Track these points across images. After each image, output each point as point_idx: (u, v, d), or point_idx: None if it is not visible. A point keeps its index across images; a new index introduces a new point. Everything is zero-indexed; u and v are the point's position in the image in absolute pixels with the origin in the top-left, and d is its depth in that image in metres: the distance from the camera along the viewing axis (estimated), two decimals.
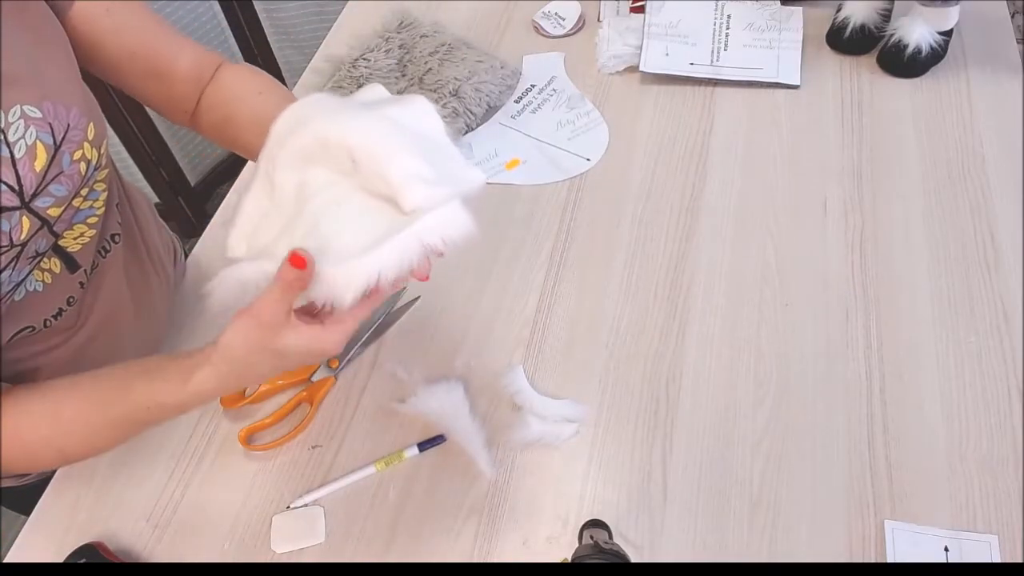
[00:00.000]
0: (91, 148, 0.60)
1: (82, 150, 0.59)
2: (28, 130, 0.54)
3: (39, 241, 0.58)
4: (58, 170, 0.57)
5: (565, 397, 0.78)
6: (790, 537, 0.69)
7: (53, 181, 0.57)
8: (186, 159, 1.96)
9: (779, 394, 0.77)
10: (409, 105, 0.56)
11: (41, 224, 0.57)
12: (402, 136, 0.52)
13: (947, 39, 1.02)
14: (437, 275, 0.89)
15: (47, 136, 0.55)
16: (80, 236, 0.64)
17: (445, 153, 0.56)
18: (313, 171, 0.53)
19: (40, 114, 0.55)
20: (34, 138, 0.55)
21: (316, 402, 0.79)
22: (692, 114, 1.03)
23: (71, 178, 0.59)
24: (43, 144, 0.55)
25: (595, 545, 0.58)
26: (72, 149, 0.58)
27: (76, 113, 0.58)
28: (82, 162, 0.59)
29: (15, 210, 0.54)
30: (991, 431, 0.73)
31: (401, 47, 1.09)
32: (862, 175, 0.94)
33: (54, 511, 0.75)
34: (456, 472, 0.74)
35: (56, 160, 0.56)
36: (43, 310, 0.63)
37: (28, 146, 0.54)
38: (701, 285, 0.86)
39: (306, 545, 0.71)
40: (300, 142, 0.52)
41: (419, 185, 0.51)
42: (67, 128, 0.57)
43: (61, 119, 0.57)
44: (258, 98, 0.68)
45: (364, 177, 0.51)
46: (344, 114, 0.53)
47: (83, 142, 0.59)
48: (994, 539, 0.67)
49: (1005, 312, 0.81)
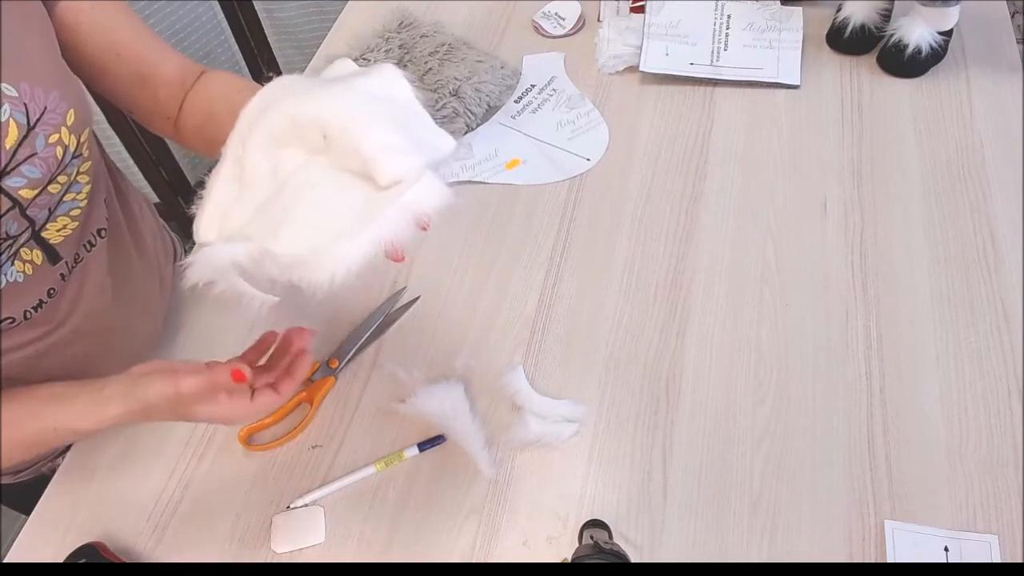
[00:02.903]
0: (69, 134, 0.60)
1: (59, 134, 0.59)
2: (2, 108, 0.54)
3: (10, 223, 0.58)
4: (30, 151, 0.57)
5: (565, 397, 0.78)
6: (790, 537, 0.69)
7: (25, 162, 0.57)
8: (186, 159, 1.96)
9: (779, 394, 0.77)
10: (377, 74, 0.55)
11: (12, 204, 0.58)
12: (373, 108, 0.52)
13: (947, 39, 1.02)
14: (437, 275, 0.90)
15: (21, 116, 0.56)
16: (63, 228, 0.64)
17: (416, 120, 0.55)
18: (286, 152, 0.52)
19: (16, 94, 0.55)
20: (7, 115, 0.55)
21: (316, 402, 0.79)
22: (692, 114, 1.03)
23: (46, 161, 0.59)
24: (16, 122, 0.56)
25: (595, 545, 0.58)
26: (48, 132, 0.58)
27: (55, 97, 0.59)
28: (58, 146, 0.60)
29: None
30: (991, 431, 0.73)
31: (401, 47, 1.09)
32: (862, 175, 0.94)
33: (54, 511, 0.75)
34: (456, 472, 0.74)
35: (28, 140, 0.57)
36: (23, 301, 0.63)
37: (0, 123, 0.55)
38: (701, 285, 0.86)
39: (306, 545, 0.71)
40: (270, 123, 0.52)
41: (393, 157, 0.50)
42: (43, 110, 0.58)
43: (38, 101, 0.57)
44: (238, 95, 0.67)
45: (337, 153, 0.51)
46: (313, 92, 0.53)
47: (61, 126, 0.59)
48: (994, 539, 0.67)
49: (1005, 312, 0.81)
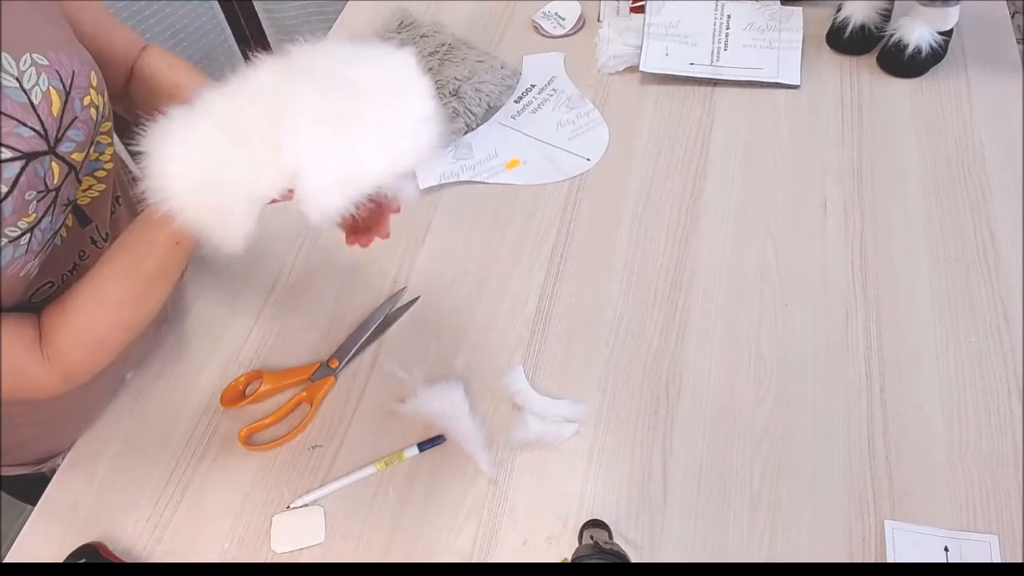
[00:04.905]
0: (97, 94, 0.62)
1: (90, 96, 0.61)
2: (40, 77, 0.56)
3: (68, 188, 0.60)
4: (73, 115, 0.59)
5: (565, 397, 0.78)
6: (790, 537, 0.69)
7: (71, 126, 0.59)
8: None
9: (779, 394, 0.77)
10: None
11: (69, 169, 0.59)
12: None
13: (947, 39, 1.02)
14: (437, 275, 0.90)
15: (57, 82, 0.57)
16: (89, 189, 0.65)
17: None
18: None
19: (47, 61, 0.57)
20: (47, 85, 0.56)
21: (316, 402, 0.79)
22: (692, 114, 1.03)
23: (86, 123, 0.61)
24: (55, 90, 0.57)
25: (595, 545, 0.58)
26: (81, 95, 0.60)
27: (77, 61, 0.60)
28: (92, 108, 0.61)
29: (45, 155, 0.56)
30: (991, 431, 0.73)
31: (401, 47, 1.09)
32: (862, 175, 0.94)
33: (55, 511, 0.75)
34: (456, 472, 0.74)
35: (69, 105, 0.58)
36: (61, 265, 0.64)
37: (43, 92, 0.56)
38: (701, 285, 0.86)
39: (306, 545, 0.71)
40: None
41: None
42: (72, 75, 0.59)
43: (66, 66, 0.58)
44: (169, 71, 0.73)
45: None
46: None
47: (89, 88, 0.61)
48: (994, 539, 0.67)
49: (1005, 312, 0.81)
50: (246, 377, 0.81)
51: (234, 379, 0.80)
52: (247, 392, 0.80)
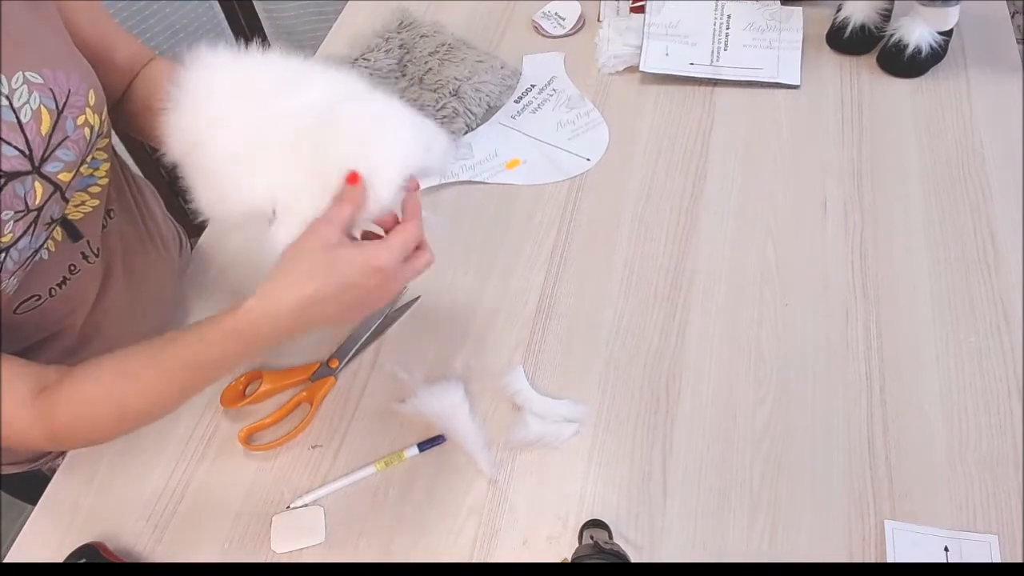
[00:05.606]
0: (93, 114, 0.61)
1: (84, 115, 0.60)
2: (32, 95, 0.55)
3: (53, 207, 0.59)
4: (63, 135, 0.58)
5: (565, 397, 0.78)
6: (790, 537, 0.69)
7: (60, 146, 0.58)
8: None
9: (779, 394, 0.77)
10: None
11: (54, 189, 0.59)
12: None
13: (947, 39, 1.02)
14: (437, 275, 0.90)
15: (49, 101, 0.57)
16: (81, 204, 0.65)
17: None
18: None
19: (41, 80, 0.56)
20: (38, 103, 0.56)
21: (316, 402, 0.79)
22: (692, 114, 1.03)
23: (77, 143, 0.60)
24: (46, 109, 0.56)
25: (595, 545, 0.58)
26: (75, 115, 0.59)
27: (76, 79, 0.59)
28: (86, 127, 0.61)
29: (27, 175, 0.56)
30: (991, 431, 0.73)
31: (401, 47, 1.09)
32: (862, 175, 0.94)
33: (54, 511, 0.75)
34: (456, 472, 0.74)
35: (60, 125, 0.58)
36: (48, 279, 0.64)
37: (33, 111, 0.55)
38: (701, 285, 0.86)
39: (306, 545, 0.71)
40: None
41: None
42: (68, 93, 0.58)
43: (61, 85, 0.58)
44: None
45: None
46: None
47: (85, 107, 0.60)
48: (994, 539, 0.67)
49: (1005, 312, 0.81)
50: (246, 377, 0.81)
51: (234, 379, 0.80)
52: (247, 392, 0.80)
